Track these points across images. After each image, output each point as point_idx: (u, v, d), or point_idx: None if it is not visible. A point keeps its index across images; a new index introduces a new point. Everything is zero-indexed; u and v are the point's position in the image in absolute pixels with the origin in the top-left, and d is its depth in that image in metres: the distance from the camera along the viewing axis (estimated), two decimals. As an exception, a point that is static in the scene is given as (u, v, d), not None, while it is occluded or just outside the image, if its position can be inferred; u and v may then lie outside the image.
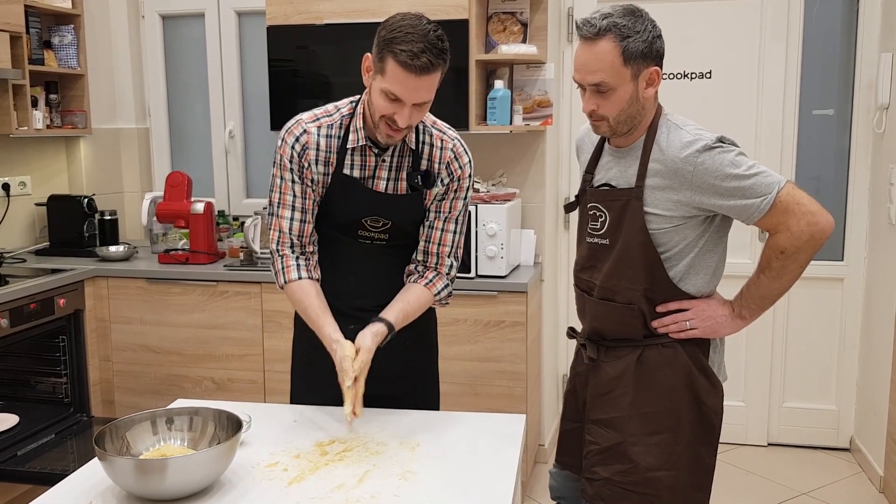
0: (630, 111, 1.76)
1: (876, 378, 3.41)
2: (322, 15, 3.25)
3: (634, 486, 1.82)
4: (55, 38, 3.63)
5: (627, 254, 1.80)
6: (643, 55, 1.73)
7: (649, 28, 1.75)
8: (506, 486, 1.52)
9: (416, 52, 1.64)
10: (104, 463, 1.42)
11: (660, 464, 1.81)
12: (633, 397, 1.84)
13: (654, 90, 1.78)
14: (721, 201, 1.72)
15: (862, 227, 3.57)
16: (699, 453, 1.84)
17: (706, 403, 1.83)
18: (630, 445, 1.82)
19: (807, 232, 1.69)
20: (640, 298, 1.81)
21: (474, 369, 3.10)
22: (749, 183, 1.70)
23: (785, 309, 3.68)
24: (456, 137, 1.93)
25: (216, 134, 4.05)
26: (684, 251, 1.80)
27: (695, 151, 1.71)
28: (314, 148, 1.85)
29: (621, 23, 1.71)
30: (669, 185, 1.74)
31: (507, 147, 3.54)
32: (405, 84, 1.67)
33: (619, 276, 1.82)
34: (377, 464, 1.61)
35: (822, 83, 3.59)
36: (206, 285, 3.30)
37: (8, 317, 2.88)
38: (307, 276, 1.89)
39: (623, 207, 1.80)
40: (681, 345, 1.82)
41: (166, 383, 3.40)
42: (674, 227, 1.77)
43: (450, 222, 1.92)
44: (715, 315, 1.81)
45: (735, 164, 1.72)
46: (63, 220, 3.67)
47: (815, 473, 3.48)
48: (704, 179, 1.71)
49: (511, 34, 3.39)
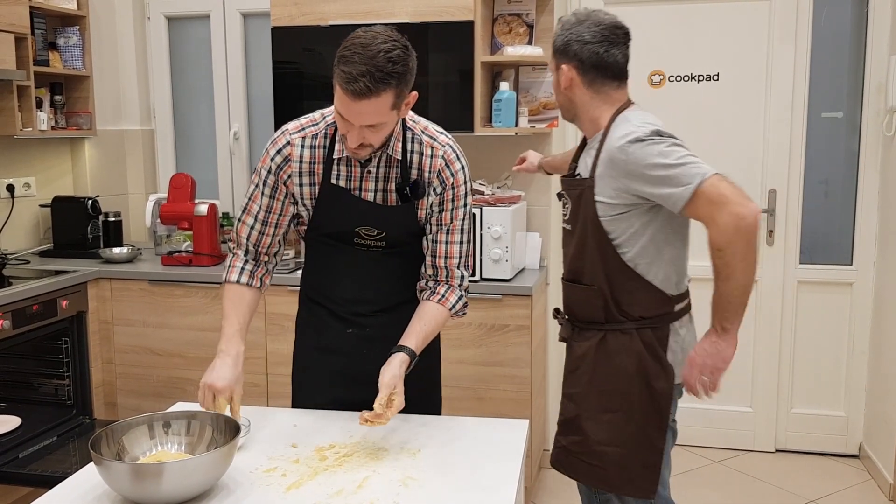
0: (560, 100, 2.02)
1: (885, 384, 3.37)
2: (327, 16, 3.23)
3: (585, 457, 2.00)
4: (60, 40, 3.63)
5: (585, 239, 1.95)
6: (560, 52, 1.96)
7: (573, 30, 1.96)
8: (508, 492, 1.50)
9: (355, 76, 1.57)
10: (100, 467, 1.40)
11: (609, 440, 1.97)
12: (592, 376, 1.99)
13: (568, 84, 1.96)
14: (650, 189, 1.83)
15: (871, 232, 3.53)
16: (649, 435, 1.97)
17: (655, 388, 1.95)
18: (584, 419, 2.00)
19: (731, 223, 1.77)
20: (601, 280, 1.94)
21: (478, 373, 3.07)
22: (674, 172, 1.79)
23: (793, 314, 3.64)
24: (448, 143, 1.85)
25: (221, 136, 4.05)
26: (633, 238, 1.90)
27: (627, 142, 1.84)
28: (297, 160, 1.83)
29: (565, 20, 1.98)
30: (610, 174, 1.88)
31: (512, 149, 3.51)
32: (347, 106, 1.62)
33: (581, 260, 1.98)
34: (377, 469, 1.58)
35: (831, 86, 3.55)
36: (210, 287, 3.29)
37: (11, 318, 2.87)
38: (246, 281, 1.89)
39: (580, 195, 1.95)
40: (637, 332, 1.94)
41: (169, 386, 3.38)
42: (619, 215, 1.89)
43: (454, 234, 1.88)
44: (706, 350, 1.90)
45: (663, 155, 1.81)
46: (67, 222, 3.66)
47: (823, 480, 3.44)
48: (634, 168, 1.83)
49: (517, 36, 3.37)
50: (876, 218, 3.52)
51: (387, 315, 1.93)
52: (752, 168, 3.58)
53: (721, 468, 3.58)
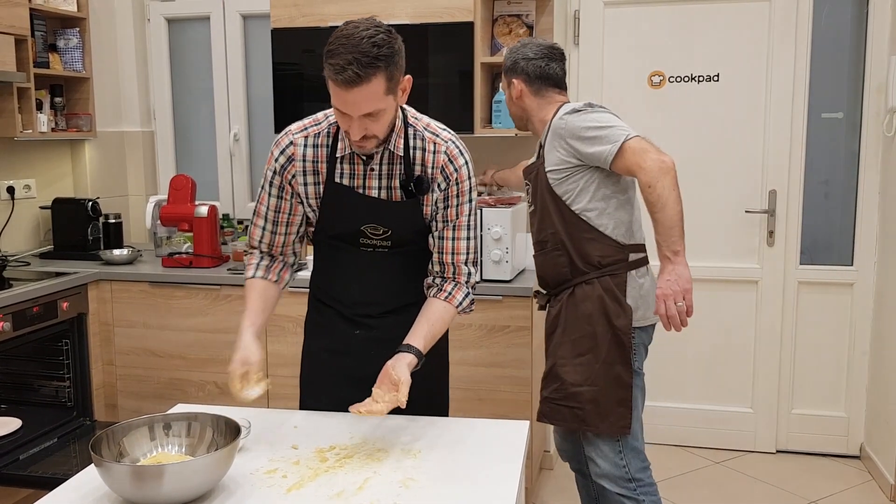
0: (513, 110, 2.45)
1: (886, 384, 3.37)
2: (327, 17, 3.23)
3: (564, 401, 2.27)
4: (60, 42, 3.63)
5: (544, 208, 2.29)
6: (510, 70, 2.39)
7: (536, 51, 2.37)
8: (509, 492, 1.49)
9: (343, 66, 1.59)
10: (100, 469, 1.40)
11: (582, 380, 2.24)
12: (564, 327, 2.29)
13: (518, 96, 2.38)
14: (585, 148, 2.16)
15: (872, 232, 3.53)
16: (616, 372, 2.23)
17: (617, 326, 2.22)
18: (560, 367, 2.29)
19: (655, 165, 2.06)
20: (562, 237, 2.26)
21: (479, 374, 3.07)
22: (604, 133, 2.14)
23: (793, 314, 3.64)
24: (450, 139, 1.86)
25: (221, 137, 4.05)
26: (581, 195, 2.22)
27: (564, 114, 2.23)
28: (300, 159, 1.85)
29: (510, 47, 2.46)
30: (554, 146, 2.24)
31: (512, 150, 3.52)
32: (342, 98, 1.64)
33: (544, 229, 2.31)
34: (378, 471, 1.58)
35: (832, 86, 3.55)
36: (210, 289, 3.29)
37: (11, 320, 2.86)
38: (262, 275, 1.91)
39: (536, 174, 2.32)
40: (598, 280, 2.24)
41: (169, 387, 3.38)
42: (565, 178, 2.23)
43: (460, 230, 1.87)
44: (669, 279, 2.06)
45: (595, 120, 2.17)
46: (67, 224, 3.66)
47: (824, 481, 3.44)
48: (572, 132, 2.19)
49: (517, 37, 3.37)
50: (876, 218, 3.51)
51: (394, 316, 1.93)
52: (752, 169, 3.58)
53: (722, 469, 3.58)
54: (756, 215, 3.60)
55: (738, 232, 3.63)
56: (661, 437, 3.79)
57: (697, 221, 3.49)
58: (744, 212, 3.60)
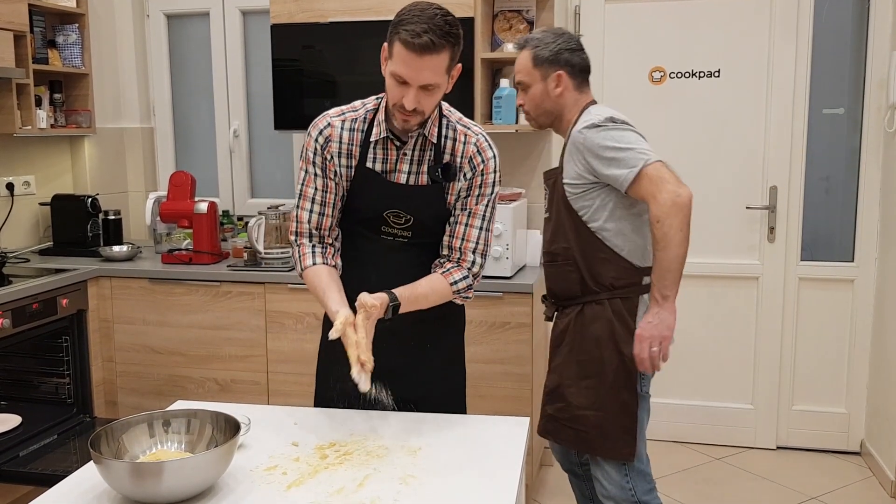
0: (545, 106, 2.24)
1: (887, 381, 3.36)
2: (326, 13, 3.23)
3: (569, 422, 2.21)
4: (59, 38, 3.62)
5: (559, 220, 2.20)
6: (549, 61, 2.19)
7: (560, 41, 2.20)
8: (509, 489, 1.49)
9: (419, 32, 1.67)
10: (100, 466, 1.40)
11: (587, 403, 2.18)
12: (571, 346, 2.22)
13: (560, 90, 2.21)
14: (602, 168, 2.07)
15: (872, 228, 3.52)
16: (622, 398, 2.16)
17: (625, 353, 2.13)
18: (566, 387, 2.22)
19: (669, 199, 1.98)
20: (575, 253, 2.17)
21: (479, 371, 3.07)
22: (622, 155, 2.04)
23: (794, 311, 3.64)
24: (481, 133, 1.93)
25: (220, 133, 4.04)
26: (598, 212, 2.13)
27: (584, 128, 2.10)
28: (337, 140, 1.89)
29: (535, 37, 2.23)
30: (572, 158, 2.14)
31: (512, 146, 3.51)
32: (408, 64, 1.70)
33: (557, 240, 2.22)
34: (378, 468, 1.58)
35: (833, 82, 3.54)
36: (210, 286, 3.28)
37: (11, 317, 2.86)
38: (322, 261, 1.91)
39: (553, 184, 2.22)
40: (608, 302, 2.15)
41: (169, 384, 3.38)
42: (582, 193, 2.13)
43: (474, 217, 1.91)
44: (651, 322, 2.05)
45: (615, 139, 2.06)
46: (67, 220, 3.66)
47: (824, 477, 3.44)
48: (590, 149, 2.08)
49: (517, 32, 3.36)
50: (877, 214, 3.51)
51: None
52: (753, 165, 3.57)
53: (722, 465, 3.57)
54: (757, 211, 3.59)
55: (738, 228, 3.63)
56: (662, 433, 3.79)
57: (698, 218, 3.45)
58: (744, 208, 3.59)
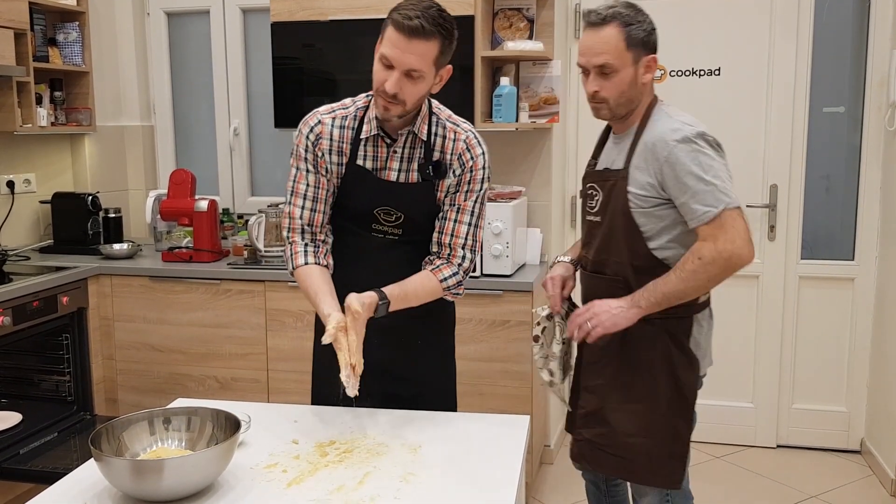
0: (629, 94, 1.93)
1: (887, 379, 3.37)
2: (326, 11, 3.22)
3: (612, 449, 2.01)
4: (60, 36, 3.62)
5: (613, 230, 1.96)
6: (643, 43, 1.91)
7: (648, 20, 1.94)
8: (509, 487, 1.49)
9: (411, 16, 1.70)
10: (100, 464, 1.40)
11: (635, 430, 1.98)
12: (616, 368, 2.00)
13: (651, 76, 1.95)
14: (676, 193, 1.86)
15: (873, 227, 3.52)
16: (676, 425, 1.98)
17: (682, 378, 1.97)
18: (609, 411, 2.01)
19: (728, 251, 1.82)
20: (626, 271, 1.95)
21: (479, 369, 3.07)
22: (705, 189, 1.83)
23: (794, 309, 3.64)
24: (470, 130, 1.94)
25: (221, 131, 4.04)
26: (663, 231, 1.92)
27: (674, 140, 1.86)
28: (328, 138, 1.89)
29: (624, 12, 1.90)
30: (645, 167, 1.90)
31: (512, 145, 3.51)
32: (396, 45, 1.72)
33: (607, 252, 1.99)
34: (378, 465, 1.58)
35: (833, 80, 3.54)
36: (210, 284, 3.28)
37: (11, 314, 2.86)
38: (314, 261, 1.90)
39: (612, 187, 1.96)
40: (661, 322, 1.93)
41: (170, 382, 3.38)
42: (651, 208, 1.91)
43: (463, 213, 1.91)
44: (610, 308, 1.90)
45: (703, 168, 1.84)
46: (67, 218, 3.66)
47: (824, 476, 3.44)
48: (674, 166, 1.85)
49: (517, 31, 3.36)
50: (878, 213, 3.51)
51: None
52: (753, 163, 3.57)
53: (722, 464, 3.58)
54: (757, 210, 3.59)
55: (738, 226, 3.62)
56: (662, 431, 3.79)
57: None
58: (745, 206, 3.58)
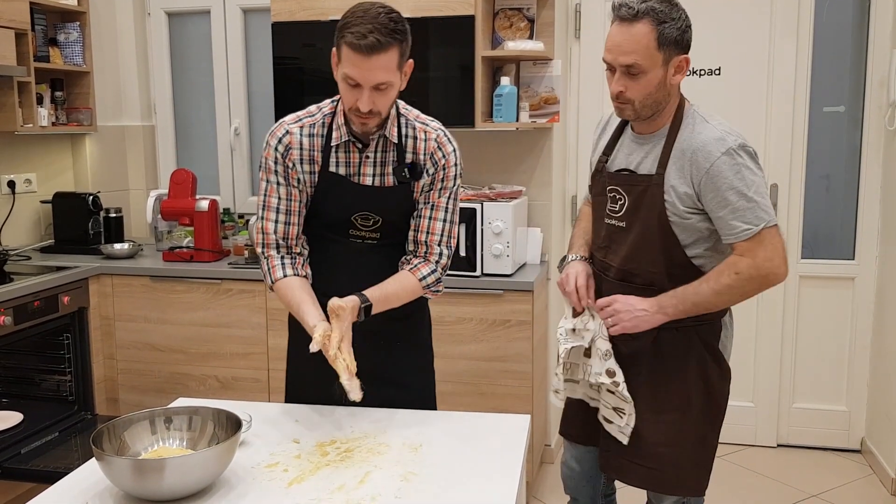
0: (657, 96, 1.80)
1: (887, 379, 3.37)
2: (327, 11, 3.23)
3: (639, 460, 1.93)
4: (61, 36, 3.62)
5: (646, 238, 1.86)
6: (676, 42, 1.77)
7: (683, 17, 1.79)
8: (510, 487, 1.50)
9: (364, 33, 1.67)
10: (101, 463, 1.40)
11: (666, 440, 1.91)
12: (648, 377, 1.92)
13: (681, 78, 1.82)
14: (714, 206, 1.79)
15: (873, 226, 3.52)
16: (704, 433, 1.94)
17: (714, 385, 1.92)
18: (639, 422, 1.91)
19: (766, 269, 1.77)
20: (661, 280, 1.87)
21: (480, 369, 3.07)
22: (746, 206, 1.76)
23: (795, 309, 3.64)
24: (439, 128, 1.93)
25: (221, 131, 4.04)
26: (700, 241, 1.86)
27: (718, 151, 1.76)
28: (298, 147, 1.87)
29: (659, 8, 1.75)
30: (682, 175, 1.80)
31: (513, 144, 3.51)
32: (358, 65, 1.69)
33: (638, 259, 1.89)
34: (379, 465, 1.58)
35: (833, 80, 3.54)
36: (211, 283, 3.29)
37: (12, 314, 2.87)
38: (293, 272, 1.89)
39: (642, 193, 1.85)
40: (694, 329, 1.88)
41: (171, 381, 3.38)
42: (685, 220, 1.83)
43: (438, 210, 1.91)
44: (634, 309, 1.85)
45: (746, 183, 1.76)
46: (68, 218, 3.66)
47: (825, 475, 3.44)
48: (714, 179, 1.76)
49: (518, 30, 3.36)
50: (878, 212, 3.51)
51: None
52: (753, 163, 3.57)
53: (723, 463, 3.58)
54: (757, 209, 3.59)
55: (739, 226, 3.63)
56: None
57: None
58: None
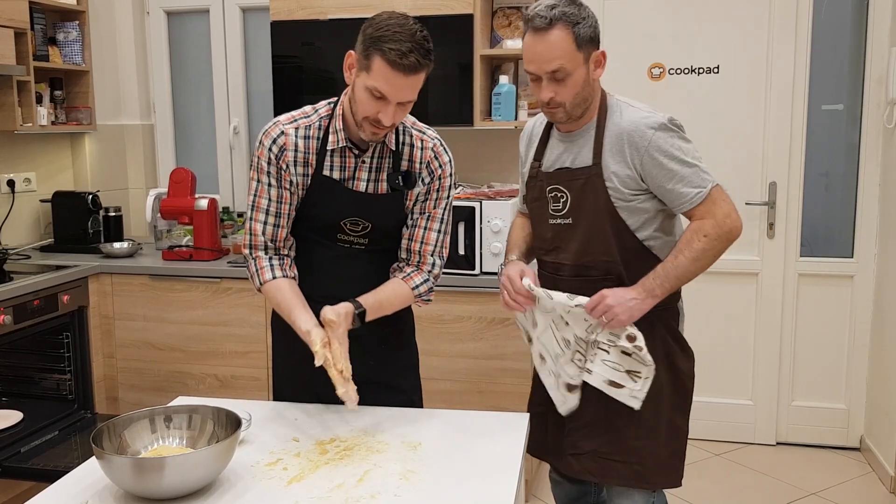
0: (584, 94, 1.85)
1: (886, 376, 3.37)
2: (326, 10, 3.23)
3: (620, 457, 1.93)
4: (60, 35, 3.62)
5: (595, 229, 1.90)
6: (591, 39, 1.83)
7: (591, 14, 1.85)
8: (509, 485, 1.50)
9: (405, 52, 1.64)
10: (101, 462, 1.41)
11: (643, 433, 1.92)
12: None
13: (601, 72, 1.88)
14: (661, 181, 1.83)
15: (872, 224, 3.52)
16: (675, 421, 1.96)
17: (681, 369, 1.95)
18: (616, 416, 1.92)
19: (728, 224, 1.82)
20: (617, 268, 1.90)
21: (479, 367, 3.08)
22: (689, 171, 1.82)
23: (794, 307, 3.64)
24: (436, 137, 1.92)
25: (220, 130, 4.04)
26: (648, 222, 1.90)
27: (648, 127, 1.82)
28: (292, 149, 1.84)
29: (569, 11, 1.80)
30: (622, 159, 1.85)
31: (511, 143, 3.51)
32: (392, 82, 1.67)
33: (591, 252, 1.92)
34: (378, 463, 1.59)
35: (832, 78, 3.54)
36: (210, 282, 3.29)
37: (12, 313, 2.87)
38: (281, 274, 1.88)
39: (584, 185, 1.89)
40: (656, 314, 1.88)
41: (170, 380, 3.39)
42: (633, 200, 1.87)
43: (433, 221, 1.91)
44: (625, 301, 1.84)
45: (683, 151, 1.83)
46: (68, 217, 3.66)
47: (824, 473, 3.45)
48: (654, 155, 1.82)
49: (516, 29, 3.36)
50: (877, 210, 3.51)
51: None
52: (752, 161, 3.58)
53: (722, 461, 3.58)
54: (756, 207, 3.59)
55: (738, 224, 3.63)
56: (661, 429, 3.80)
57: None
58: (744, 204, 3.59)
